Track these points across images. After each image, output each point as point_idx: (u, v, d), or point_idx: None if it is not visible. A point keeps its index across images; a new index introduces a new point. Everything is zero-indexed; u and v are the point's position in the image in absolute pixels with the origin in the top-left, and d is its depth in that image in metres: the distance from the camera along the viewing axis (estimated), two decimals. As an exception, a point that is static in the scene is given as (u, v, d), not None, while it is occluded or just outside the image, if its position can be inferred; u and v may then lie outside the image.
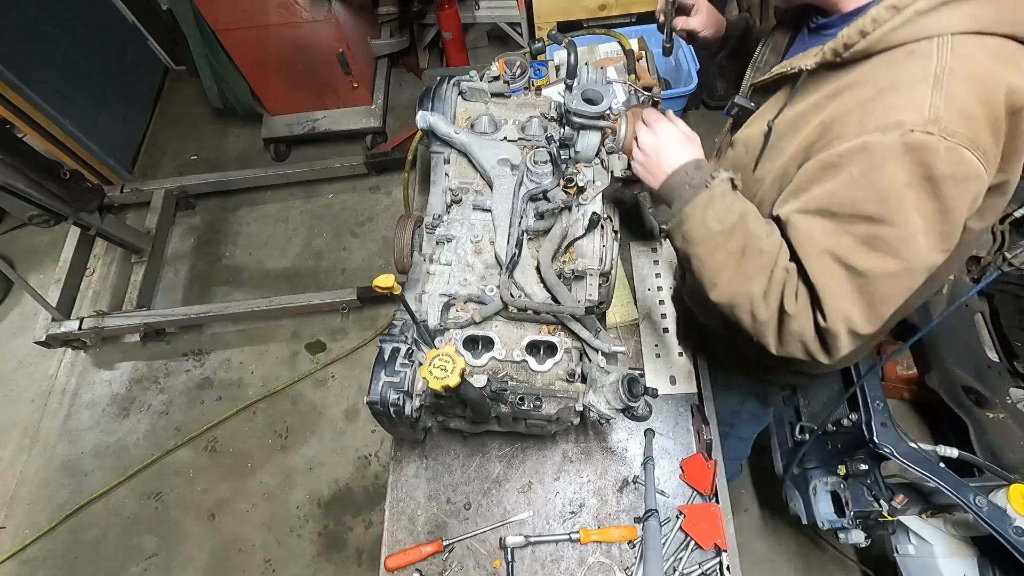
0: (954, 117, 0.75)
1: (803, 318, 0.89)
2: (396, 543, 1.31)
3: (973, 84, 0.76)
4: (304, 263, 3.28)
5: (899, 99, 0.78)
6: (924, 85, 0.76)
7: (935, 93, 0.75)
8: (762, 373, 1.44)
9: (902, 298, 0.86)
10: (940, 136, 0.74)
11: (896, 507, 1.61)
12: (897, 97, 0.78)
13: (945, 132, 0.74)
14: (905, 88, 0.78)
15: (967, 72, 0.76)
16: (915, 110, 0.76)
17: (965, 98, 0.75)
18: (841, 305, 0.85)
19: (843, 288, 0.85)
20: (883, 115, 0.78)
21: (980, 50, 0.77)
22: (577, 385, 1.10)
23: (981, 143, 0.76)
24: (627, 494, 1.34)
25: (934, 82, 0.76)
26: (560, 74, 1.74)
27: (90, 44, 3.40)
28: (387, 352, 1.06)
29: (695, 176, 0.98)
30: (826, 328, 0.87)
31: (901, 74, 0.79)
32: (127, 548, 2.55)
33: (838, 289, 0.85)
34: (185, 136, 3.82)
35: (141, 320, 2.87)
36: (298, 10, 2.90)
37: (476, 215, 1.22)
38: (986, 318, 2.14)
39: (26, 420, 2.89)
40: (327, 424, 2.79)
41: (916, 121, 0.75)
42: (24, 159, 2.38)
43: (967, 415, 1.85)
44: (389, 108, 3.68)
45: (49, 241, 3.34)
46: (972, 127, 0.75)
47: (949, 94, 0.75)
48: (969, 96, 0.75)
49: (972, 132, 0.75)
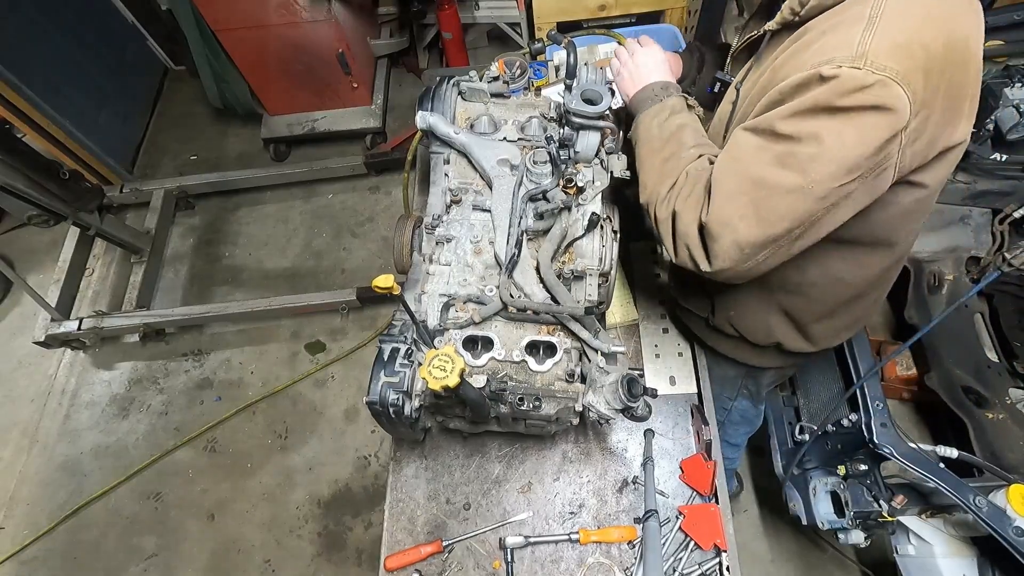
0: (883, 53, 0.79)
1: (688, 218, 0.97)
2: (396, 543, 1.30)
3: (906, 25, 0.81)
4: (304, 263, 3.28)
5: (835, 39, 0.85)
6: (859, 25, 0.83)
7: (866, 32, 0.81)
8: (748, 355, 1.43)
9: (792, 221, 0.88)
10: (868, 70, 0.79)
11: (896, 507, 1.61)
12: (833, 38, 0.85)
13: (873, 66, 0.79)
14: (842, 29, 0.85)
15: (900, 13, 0.82)
16: (846, 47, 0.82)
17: (896, 37, 0.80)
18: (729, 208, 0.90)
19: (738, 192, 0.90)
20: (819, 53, 0.85)
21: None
22: (576, 385, 1.10)
23: (911, 81, 0.79)
24: (627, 494, 1.34)
25: (867, 23, 0.82)
26: (560, 74, 1.74)
27: (90, 44, 3.40)
28: (386, 352, 1.06)
29: (659, 93, 1.14)
30: (706, 224, 0.93)
31: (841, 19, 0.87)
32: (127, 548, 2.55)
33: (733, 190, 0.90)
34: (185, 136, 3.83)
35: (140, 320, 2.87)
36: (298, 10, 2.90)
37: (476, 215, 1.22)
38: (986, 319, 2.14)
39: (25, 420, 2.89)
40: (327, 424, 2.79)
41: (846, 57, 0.81)
42: (24, 159, 2.38)
43: (967, 415, 1.85)
44: (389, 108, 3.68)
45: (49, 241, 3.34)
46: (902, 64, 0.79)
47: (880, 32, 0.81)
48: (900, 35, 0.80)
49: (901, 68, 0.79)
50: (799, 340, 1.29)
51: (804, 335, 1.28)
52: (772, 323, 1.28)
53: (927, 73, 0.80)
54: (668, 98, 1.13)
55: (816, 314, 1.23)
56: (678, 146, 1.05)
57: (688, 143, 1.05)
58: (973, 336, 2.07)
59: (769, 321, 1.28)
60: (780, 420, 1.96)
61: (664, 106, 1.12)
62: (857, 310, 1.27)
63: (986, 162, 2.03)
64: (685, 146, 1.05)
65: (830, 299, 1.20)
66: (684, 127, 1.08)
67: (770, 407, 1.98)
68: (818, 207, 0.86)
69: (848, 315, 1.26)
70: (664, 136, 1.08)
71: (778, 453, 1.91)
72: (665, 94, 1.14)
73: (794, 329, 1.27)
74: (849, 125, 0.81)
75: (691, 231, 0.97)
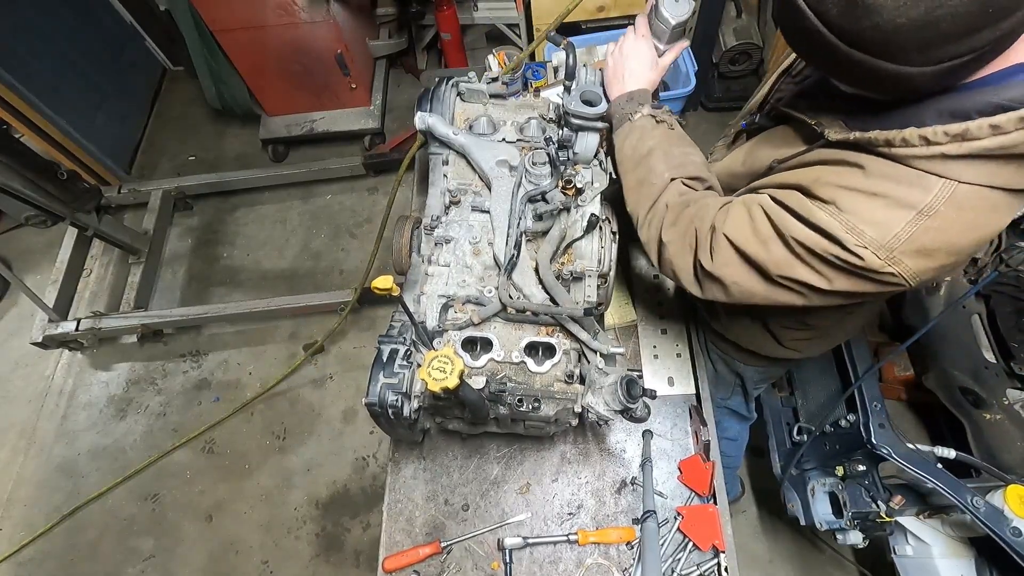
0: (910, 253, 0.79)
1: (681, 254, 1.01)
2: (394, 544, 1.30)
3: (948, 233, 0.78)
4: (302, 264, 3.27)
5: (877, 213, 0.79)
6: (906, 214, 0.77)
7: (909, 227, 0.77)
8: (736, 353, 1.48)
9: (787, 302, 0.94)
10: (886, 262, 0.80)
11: (894, 508, 1.61)
12: (878, 209, 0.80)
13: (893, 262, 0.79)
14: (890, 208, 0.79)
15: (951, 220, 0.77)
16: (882, 231, 0.79)
17: (931, 241, 0.78)
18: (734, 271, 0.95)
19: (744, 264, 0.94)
20: (858, 212, 0.80)
21: (978, 202, 0.76)
22: (575, 386, 1.10)
23: (921, 276, 0.81)
24: (625, 495, 1.34)
25: (916, 217, 0.77)
26: (559, 76, 1.75)
27: (88, 44, 3.39)
28: (385, 353, 1.06)
29: (626, 107, 1.13)
30: (709, 272, 0.97)
31: (898, 191, 0.79)
32: (124, 550, 2.54)
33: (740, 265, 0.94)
34: (183, 137, 3.82)
35: (138, 321, 2.86)
36: (296, 11, 2.90)
37: (475, 216, 1.22)
38: (983, 319, 2.14)
39: (23, 421, 2.88)
40: (325, 425, 2.78)
41: (874, 241, 0.79)
42: (21, 160, 2.37)
43: (964, 416, 1.85)
44: (387, 109, 3.68)
45: (46, 242, 3.33)
46: (921, 266, 0.80)
47: (920, 232, 0.77)
48: (936, 241, 0.78)
49: (918, 269, 0.80)
50: (777, 347, 1.34)
51: (781, 344, 1.33)
52: (752, 334, 1.34)
53: (942, 270, 0.82)
54: (635, 117, 1.10)
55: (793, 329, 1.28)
56: (647, 172, 1.06)
57: (658, 169, 1.05)
58: (971, 337, 2.07)
59: (750, 332, 1.35)
60: (778, 421, 1.96)
61: (633, 127, 1.10)
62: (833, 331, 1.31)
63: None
64: (655, 172, 1.05)
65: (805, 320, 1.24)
66: (653, 151, 1.06)
67: (768, 408, 1.99)
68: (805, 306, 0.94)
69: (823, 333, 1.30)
70: (636, 159, 1.09)
71: (776, 454, 1.92)
72: (632, 110, 1.11)
73: (771, 339, 1.32)
74: (851, 280, 0.85)
75: (681, 262, 1.01)
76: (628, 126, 1.11)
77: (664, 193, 1.03)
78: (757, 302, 0.97)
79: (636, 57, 1.14)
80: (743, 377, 1.56)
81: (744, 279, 0.95)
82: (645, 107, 1.11)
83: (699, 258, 0.98)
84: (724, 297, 0.99)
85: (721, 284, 0.97)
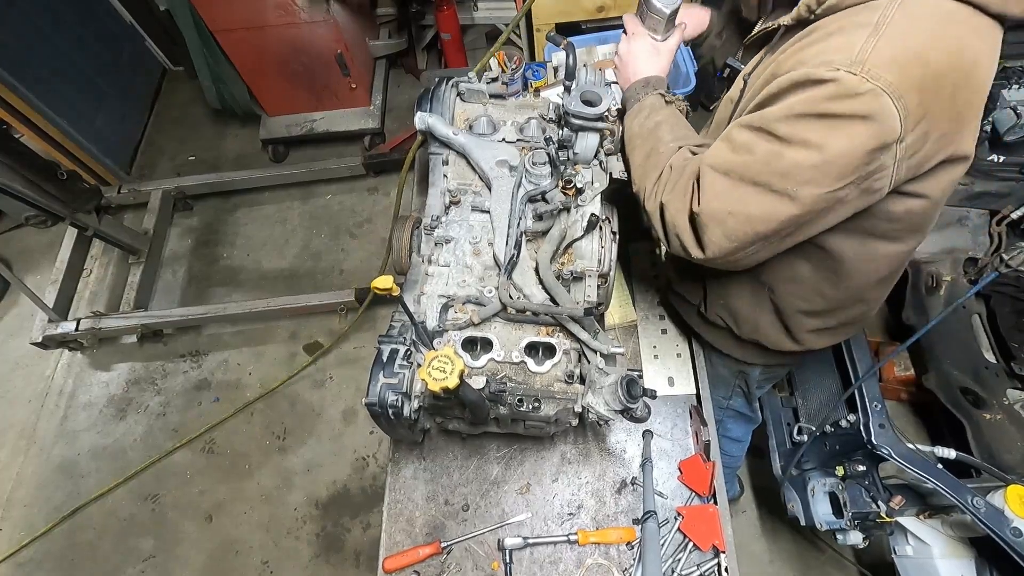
0: (882, 63, 0.78)
1: (676, 207, 0.99)
2: (394, 545, 1.30)
3: (911, 40, 0.80)
4: (302, 264, 3.27)
5: (838, 41, 0.84)
6: (864, 32, 0.81)
7: (870, 39, 0.80)
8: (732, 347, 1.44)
9: (780, 223, 0.90)
10: (863, 77, 0.78)
11: (894, 508, 1.61)
12: (837, 40, 0.85)
13: (869, 75, 0.78)
14: (847, 33, 0.84)
15: (908, 26, 0.80)
16: (847, 51, 0.81)
17: (898, 49, 0.79)
18: (719, 203, 0.92)
19: (729, 188, 0.92)
20: (821, 53, 0.85)
21: (931, 10, 0.81)
22: (576, 386, 1.10)
23: (904, 95, 0.78)
24: (625, 495, 1.34)
25: (872, 30, 0.81)
26: (559, 76, 1.75)
27: (88, 44, 3.39)
28: (385, 353, 1.06)
29: (640, 92, 1.19)
30: (697, 215, 0.95)
31: (849, 23, 0.85)
32: (124, 550, 2.54)
33: (725, 187, 0.92)
34: (183, 137, 3.82)
35: (138, 321, 2.86)
36: (296, 11, 2.90)
37: (475, 216, 1.22)
38: (983, 320, 2.15)
39: (22, 422, 2.88)
40: (325, 425, 2.78)
41: (844, 60, 0.80)
42: (21, 160, 2.37)
43: (964, 416, 1.85)
44: (387, 109, 3.68)
45: (46, 242, 3.33)
46: (897, 77, 0.78)
47: (884, 42, 0.79)
48: (903, 49, 0.79)
49: (895, 81, 0.78)
50: (784, 339, 1.29)
51: (789, 333, 1.28)
52: (760, 318, 1.28)
53: (922, 91, 0.79)
54: (646, 97, 1.17)
55: (804, 311, 1.23)
56: (656, 142, 1.09)
57: (665, 139, 1.08)
58: (971, 337, 2.07)
59: (758, 316, 1.28)
60: (778, 421, 1.96)
61: (643, 106, 1.16)
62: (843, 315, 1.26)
63: (983, 163, 2.04)
64: (663, 141, 1.08)
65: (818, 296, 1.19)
66: (661, 124, 1.11)
67: (768, 408, 1.98)
68: (805, 211, 0.88)
69: (834, 317, 1.25)
70: (644, 134, 1.12)
71: (776, 454, 1.92)
72: (644, 93, 1.18)
73: (780, 326, 1.28)
74: (838, 132, 0.81)
75: (680, 220, 0.99)
76: (638, 106, 1.17)
77: (670, 159, 1.05)
78: (760, 232, 0.92)
79: (637, 52, 1.21)
80: (746, 376, 1.56)
81: (737, 204, 0.91)
82: (654, 90, 1.17)
83: (692, 207, 0.96)
84: (727, 242, 0.94)
85: (719, 222, 0.93)
